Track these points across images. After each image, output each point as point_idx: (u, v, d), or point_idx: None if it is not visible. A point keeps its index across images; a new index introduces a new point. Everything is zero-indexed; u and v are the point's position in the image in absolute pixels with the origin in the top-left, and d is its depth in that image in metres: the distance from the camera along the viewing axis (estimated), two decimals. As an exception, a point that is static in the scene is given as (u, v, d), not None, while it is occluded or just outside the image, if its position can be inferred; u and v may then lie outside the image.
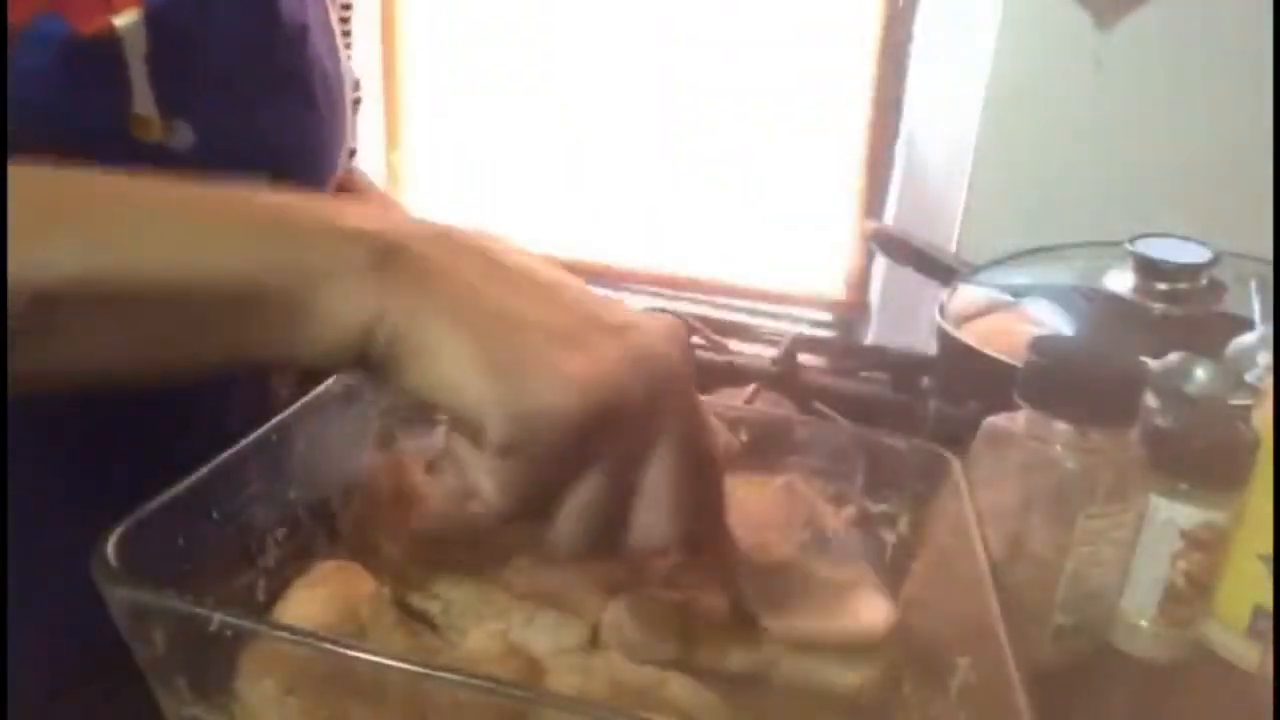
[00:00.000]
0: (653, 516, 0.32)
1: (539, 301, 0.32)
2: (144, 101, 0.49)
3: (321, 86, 0.61)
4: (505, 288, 0.32)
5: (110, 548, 0.30)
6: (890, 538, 0.47)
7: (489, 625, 0.40)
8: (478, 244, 0.34)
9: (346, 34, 0.71)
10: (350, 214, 0.33)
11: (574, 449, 0.30)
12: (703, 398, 0.55)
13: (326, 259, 0.31)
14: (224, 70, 0.54)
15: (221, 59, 0.54)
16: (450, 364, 0.30)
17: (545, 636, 0.39)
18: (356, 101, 0.75)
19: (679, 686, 0.36)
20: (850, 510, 0.48)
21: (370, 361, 0.31)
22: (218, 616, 0.28)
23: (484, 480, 0.31)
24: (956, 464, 0.45)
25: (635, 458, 0.32)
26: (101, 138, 0.48)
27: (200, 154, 0.52)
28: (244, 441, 0.40)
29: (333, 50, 0.64)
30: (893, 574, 0.46)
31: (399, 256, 0.31)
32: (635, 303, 1.08)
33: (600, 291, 0.36)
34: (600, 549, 0.33)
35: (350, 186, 0.75)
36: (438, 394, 0.30)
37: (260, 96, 0.57)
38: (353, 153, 0.78)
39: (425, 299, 0.30)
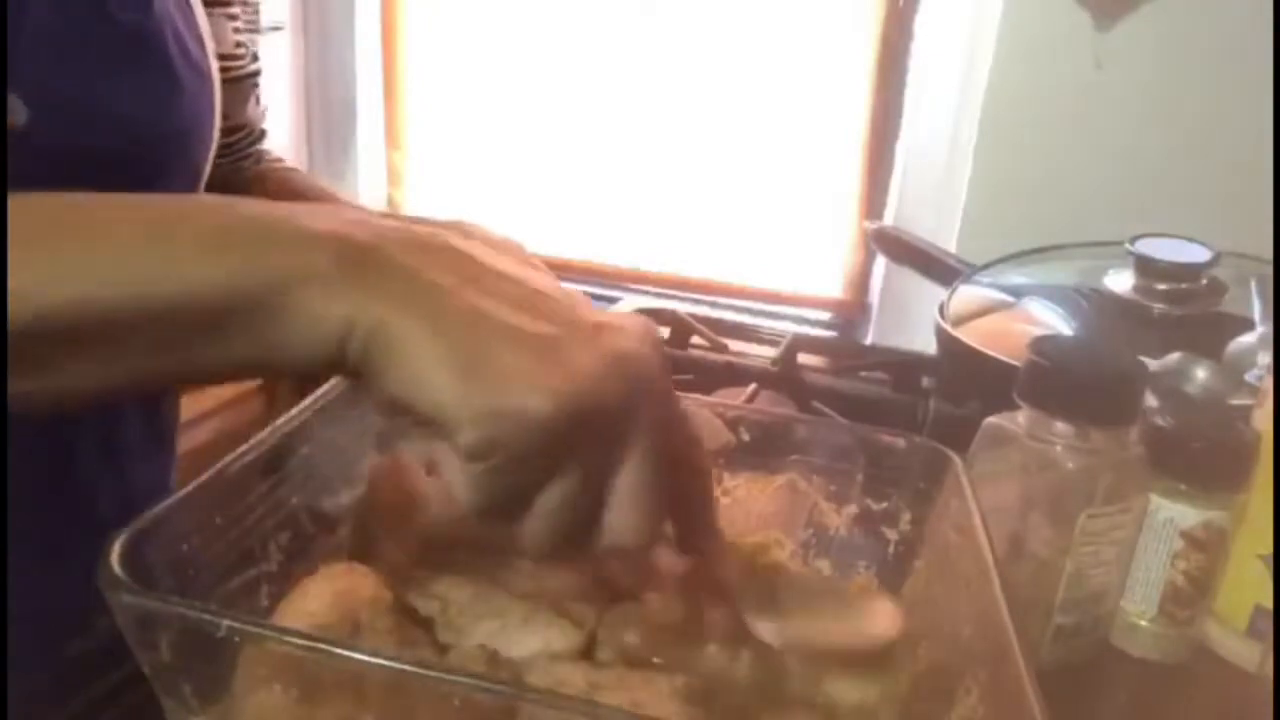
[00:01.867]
0: (623, 517, 0.32)
1: (514, 304, 0.31)
2: None
3: (179, 53, 0.56)
4: (479, 290, 0.31)
5: (114, 554, 0.30)
6: (892, 536, 0.47)
7: (485, 624, 0.40)
8: (451, 244, 0.33)
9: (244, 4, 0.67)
10: (319, 216, 0.32)
11: (545, 455, 0.30)
12: (703, 397, 0.55)
13: (294, 265, 0.30)
14: (51, 36, 0.49)
15: (47, 19, 0.49)
16: (424, 367, 0.29)
17: (536, 638, 0.39)
18: (254, 74, 0.70)
19: (657, 701, 0.36)
20: (852, 509, 0.48)
21: (348, 366, 0.30)
22: (225, 622, 0.28)
23: (457, 480, 0.31)
24: (958, 461, 0.45)
25: (608, 462, 0.31)
26: None
27: (39, 131, 0.48)
28: (246, 446, 0.40)
29: (190, 15, 0.59)
30: (895, 572, 0.46)
31: (370, 259, 0.31)
32: (635, 302, 1.08)
33: (583, 290, 0.35)
34: (570, 549, 0.32)
35: (274, 178, 0.71)
36: (413, 397, 0.30)
37: (102, 63, 0.52)
38: (262, 134, 0.72)
39: (398, 302, 0.30)
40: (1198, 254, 0.80)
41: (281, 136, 1.70)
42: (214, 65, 0.60)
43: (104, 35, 0.52)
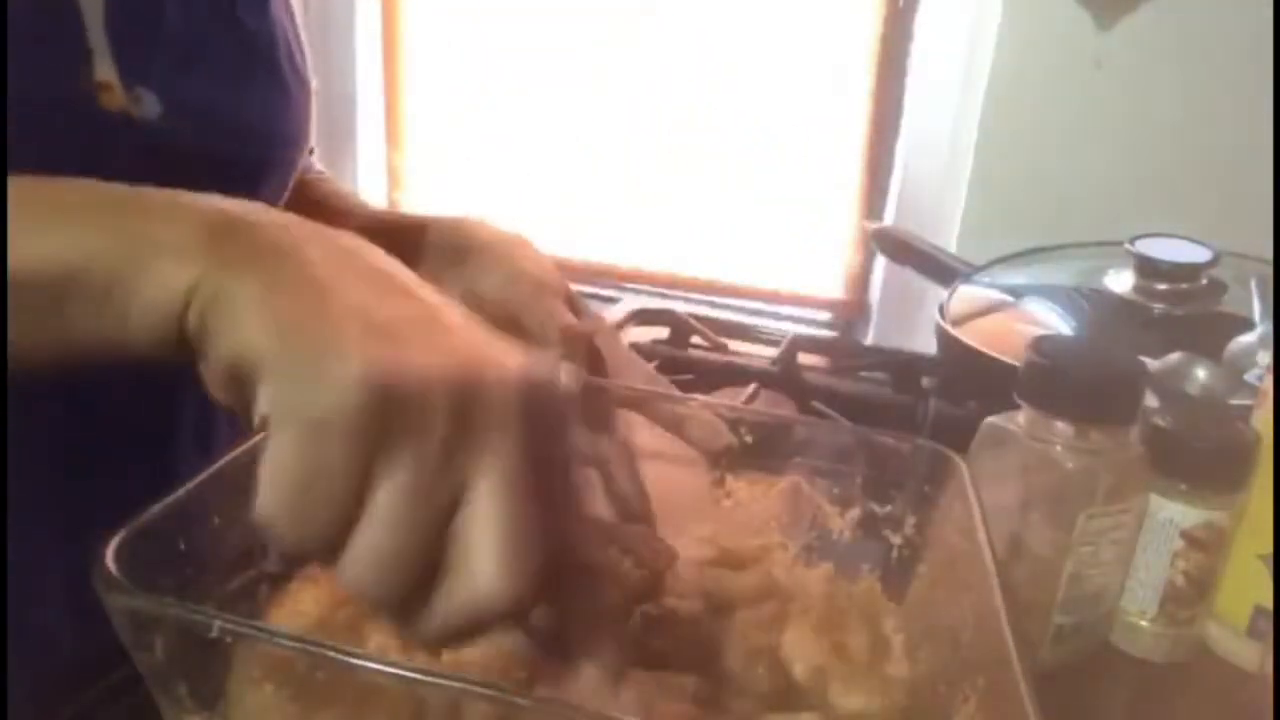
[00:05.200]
0: (471, 567, 0.27)
1: (373, 291, 0.29)
2: (105, 67, 0.49)
3: (287, 61, 0.59)
4: (342, 272, 0.29)
5: (110, 555, 0.30)
6: (896, 540, 0.47)
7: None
8: (336, 237, 0.31)
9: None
10: (199, 200, 0.32)
11: (353, 439, 0.26)
12: (703, 398, 0.55)
13: (154, 237, 0.30)
14: (186, 36, 0.53)
15: (183, 24, 0.53)
16: (248, 326, 0.28)
17: None
18: (316, 89, 0.72)
19: (666, 703, 0.36)
20: (855, 512, 0.48)
21: (188, 342, 0.29)
22: (218, 623, 0.28)
23: (263, 474, 0.26)
24: (962, 465, 0.44)
25: (442, 483, 0.27)
26: (65, 107, 0.48)
27: (167, 125, 0.51)
28: (245, 445, 0.40)
29: (294, 25, 0.62)
30: (899, 576, 0.46)
31: (235, 231, 0.30)
32: (636, 303, 1.08)
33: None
34: (400, 599, 0.27)
35: (318, 189, 0.72)
36: (232, 356, 0.28)
37: (225, 66, 0.55)
38: (312, 148, 0.75)
39: (243, 268, 0.29)
40: (1198, 254, 0.80)
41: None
42: (311, 75, 0.63)
43: (229, 40, 0.55)
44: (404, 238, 0.61)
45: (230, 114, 0.55)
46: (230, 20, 0.55)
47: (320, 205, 0.70)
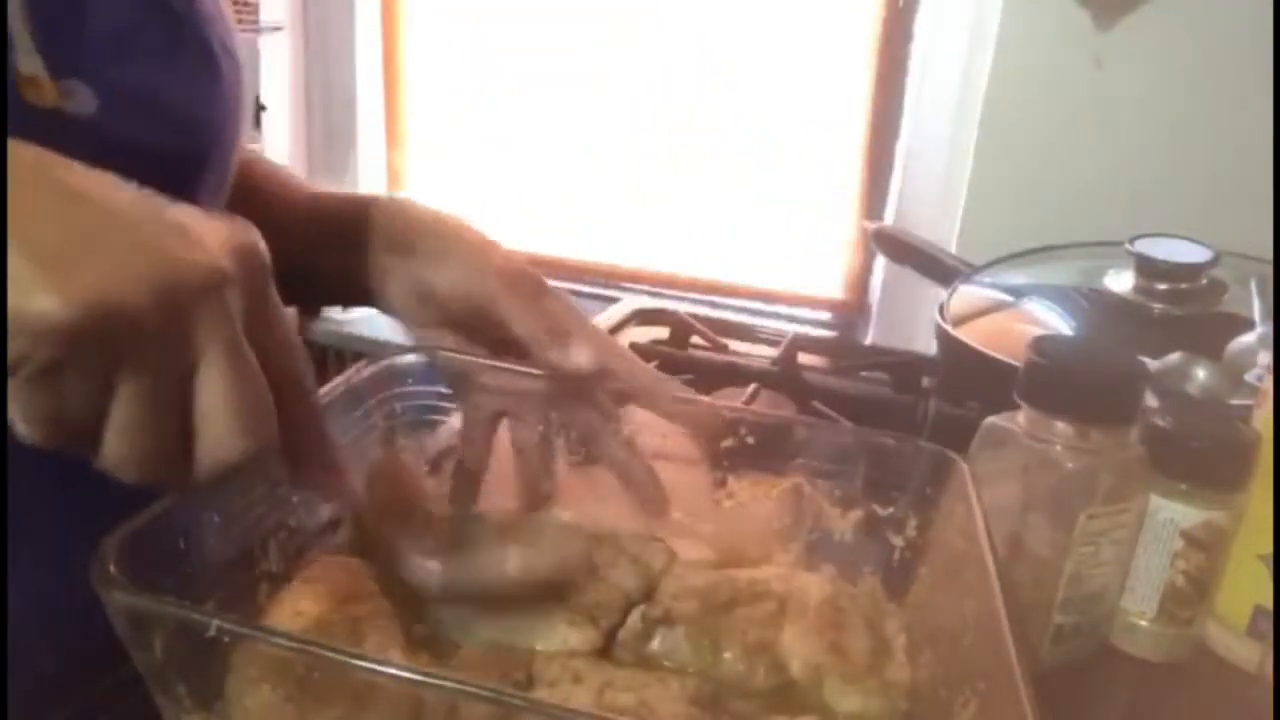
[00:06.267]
0: (214, 430, 0.31)
1: (54, 209, 0.31)
2: (29, 60, 0.46)
3: (221, 48, 0.57)
4: (21, 202, 0.30)
5: (109, 553, 0.30)
6: (898, 541, 0.47)
7: (502, 622, 0.40)
8: (18, 159, 0.32)
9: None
10: None
11: (80, 364, 0.29)
12: (703, 398, 0.55)
13: None
14: (113, 24, 0.50)
15: (109, 11, 0.50)
16: None
17: (555, 635, 0.39)
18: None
19: (665, 703, 0.36)
20: (857, 513, 0.48)
21: None
22: (215, 623, 0.28)
23: (11, 411, 0.30)
24: (964, 466, 0.44)
25: (173, 374, 0.31)
26: None
27: (104, 121, 0.49)
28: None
29: (224, 10, 0.59)
30: (900, 577, 0.46)
31: None
32: (635, 303, 1.08)
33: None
34: (166, 472, 0.32)
35: (256, 169, 0.69)
36: None
37: (157, 52, 0.53)
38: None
39: None
40: (1198, 254, 0.80)
41: (282, 136, 1.70)
42: (243, 53, 0.61)
43: (158, 25, 0.53)
44: (345, 221, 0.58)
45: (168, 102, 0.53)
46: (157, 4, 0.53)
47: (259, 187, 0.67)
